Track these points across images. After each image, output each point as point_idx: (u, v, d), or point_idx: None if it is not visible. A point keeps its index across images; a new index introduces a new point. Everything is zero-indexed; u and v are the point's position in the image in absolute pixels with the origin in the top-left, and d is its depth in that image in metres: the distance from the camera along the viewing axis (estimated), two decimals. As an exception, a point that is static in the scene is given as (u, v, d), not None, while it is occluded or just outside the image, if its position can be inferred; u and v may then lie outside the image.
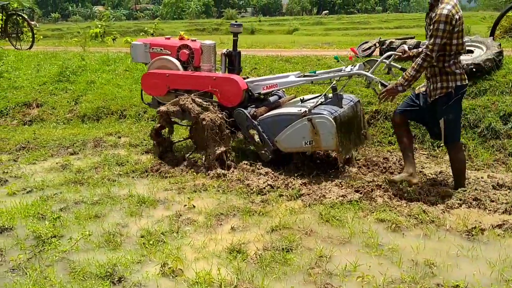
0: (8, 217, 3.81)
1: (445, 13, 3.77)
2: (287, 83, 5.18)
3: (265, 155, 4.91)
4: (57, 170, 5.12)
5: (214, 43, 5.56)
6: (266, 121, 4.87)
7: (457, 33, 3.88)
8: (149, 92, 5.70)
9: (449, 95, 4.00)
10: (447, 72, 3.98)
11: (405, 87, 4.08)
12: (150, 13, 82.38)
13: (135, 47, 5.76)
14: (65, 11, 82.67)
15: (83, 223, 3.72)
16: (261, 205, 4.03)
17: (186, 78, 5.31)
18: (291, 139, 4.68)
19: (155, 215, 3.91)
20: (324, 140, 4.50)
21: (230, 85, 5.07)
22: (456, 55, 3.97)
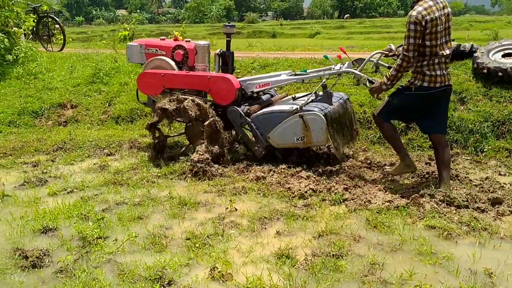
0: (52, 218, 3.82)
1: (414, 15, 3.92)
2: (279, 81, 5.39)
3: (258, 151, 5.10)
4: (95, 171, 5.13)
5: (208, 44, 5.77)
6: (259, 118, 5.06)
7: (430, 35, 3.97)
8: (145, 92, 5.83)
9: (408, 89, 4.20)
10: (417, 71, 4.15)
11: (389, 86, 4.25)
12: (172, 17, 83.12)
13: (131, 48, 5.91)
14: (89, 15, 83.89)
15: (127, 225, 3.70)
16: (304, 210, 3.96)
17: (181, 78, 5.46)
18: (283, 135, 4.88)
19: (197, 217, 3.87)
20: (315, 136, 4.72)
21: (224, 84, 5.23)
22: (432, 57, 4.05)
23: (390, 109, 4.37)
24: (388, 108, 4.38)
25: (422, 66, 4.09)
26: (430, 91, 4.13)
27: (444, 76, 4.12)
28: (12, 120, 7.34)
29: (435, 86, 4.11)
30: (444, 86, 4.14)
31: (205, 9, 74.17)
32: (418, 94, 4.17)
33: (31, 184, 4.72)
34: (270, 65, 7.80)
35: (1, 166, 5.35)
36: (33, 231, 3.61)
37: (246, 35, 41.18)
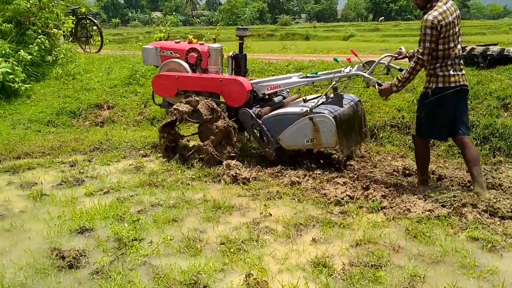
0: (88, 218, 3.85)
1: (430, 19, 3.97)
2: (290, 84, 5.42)
3: (269, 152, 5.16)
4: (131, 172, 5.17)
5: (221, 46, 5.87)
6: (270, 120, 5.12)
7: (444, 39, 4.04)
8: (159, 93, 5.95)
9: (426, 95, 4.24)
10: (431, 74, 4.21)
11: (399, 88, 4.30)
12: (206, 19, 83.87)
13: (146, 51, 6.06)
14: (125, 17, 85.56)
15: (162, 227, 3.70)
16: (340, 217, 3.88)
17: (194, 80, 5.58)
18: (293, 137, 4.95)
19: (232, 221, 3.84)
20: (325, 138, 4.77)
21: (236, 86, 5.31)
22: (445, 59, 4.11)
23: (422, 123, 4.38)
24: (419, 123, 4.43)
25: (435, 68, 4.15)
26: (446, 92, 4.15)
27: (458, 76, 4.15)
28: (51, 120, 7.50)
29: (450, 86, 4.14)
30: (459, 86, 4.16)
31: (239, 11, 74.61)
32: (437, 98, 4.17)
33: (68, 184, 4.79)
34: (305, 68, 7.73)
35: (40, 165, 5.45)
36: (70, 231, 3.65)
37: (279, 38, 41.16)
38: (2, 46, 8.47)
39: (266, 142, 5.18)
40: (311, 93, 6.82)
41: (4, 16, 8.95)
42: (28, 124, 7.30)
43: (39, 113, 7.61)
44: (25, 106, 7.92)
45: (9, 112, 7.66)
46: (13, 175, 5.15)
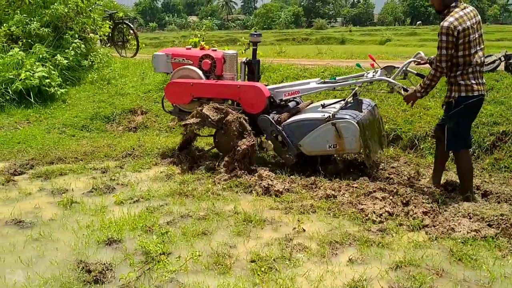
0: (117, 229, 3.76)
1: (445, 26, 3.93)
2: (309, 89, 5.33)
3: (289, 159, 5.11)
4: (161, 180, 5.08)
5: (236, 52, 5.84)
6: (290, 126, 5.07)
7: (463, 45, 3.97)
8: (172, 101, 5.85)
9: (450, 105, 4.18)
10: (451, 82, 4.14)
11: (423, 94, 4.29)
12: (241, 23, 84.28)
13: (157, 58, 5.94)
14: (162, 21, 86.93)
15: (191, 240, 3.57)
16: (379, 235, 3.65)
17: (210, 87, 5.49)
18: (315, 143, 4.90)
19: (263, 236, 3.67)
20: (348, 143, 4.74)
21: (254, 92, 5.25)
22: (466, 66, 4.04)
23: (454, 134, 4.27)
24: (451, 135, 4.29)
25: (456, 76, 4.10)
26: (470, 100, 4.09)
27: (480, 85, 4.11)
28: (85, 124, 7.52)
29: (473, 95, 4.09)
30: (480, 95, 4.12)
31: (274, 15, 74.65)
32: (464, 106, 4.11)
33: (99, 191, 4.74)
34: (342, 74, 7.47)
35: (72, 171, 5.43)
36: (97, 242, 3.56)
37: (314, 41, 40.88)
38: (40, 51, 8.59)
39: (286, 149, 5.11)
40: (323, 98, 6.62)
41: (42, 21, 9.07)
42: (63, 128, 7.34)
43: (73, 118, 7.65)
44: (60, 110, 7.99)
45: (45, 116, 7.73)
46: (45, 181, 5.14)
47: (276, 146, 5.22)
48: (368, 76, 5.03)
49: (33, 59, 8.37)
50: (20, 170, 5.45)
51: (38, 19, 9.10)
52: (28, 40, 9.03)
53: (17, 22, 9.05)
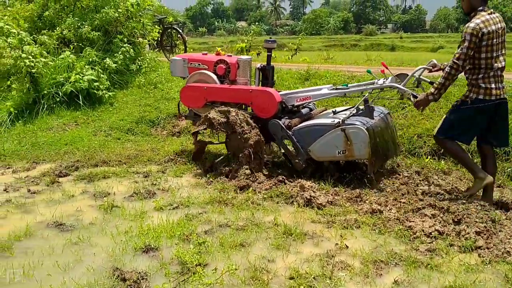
0: (155, 236, 3.71)
1: (471, 26, 4.05)
2: (321, 95, 5.44)
3: (298, 164, 5.12)
4: (202, 187, 5.02)
5: (250, 58, 5.90)
6: (300, 132, 5.11)
7: (486, 47, 4.08)
8: (187, 104, 6.00)
9: (465, 103, 4.27)
10: (472, 84, 4.23)
11: (436, 96, 4.29)
12: (289, 29, 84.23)
13: (174, 62, 6.13)
14: (211, 26, 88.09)
15: (228, 252, 3.46)
16: (428, 255, 3.41)
17: (223, 91, 5.60)
18: (324, 148, 4.93)
19: (303, 251, 3.51)
20: (357, 150, 4.74)
21: (266, 97, 5.32)
22: (487, 69, 4.14)
23: (449, 125, 4.39)
24: (446, 124, 4.42)
25: (477, 79, 4.18)
26: (486, 103, 4.18)
27: (499, 89, 4.18)
28: (130, 128, 7.60)
29: (490, 98, 4.17)
30: (498, 99, 4.19)
31: (323, 21, 74.18)
32: (475, 107, 4.21)
33: (139, 196, 4.72)
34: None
35: (115, 174, 5.46)
36: (134, 249, 3.52)
37: (363, 48, 40.27)
38: (90, 54, 8.78)
39: (296, 154, 5.14)
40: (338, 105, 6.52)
41: (93, 25, 9.27)
42: (109, 131, 7.44)
43: (120, 121, 7.75)
44: (107, 113, 8.11)
45: (92, 119, 7.88)
46: (89, 184, 5.18)
47: (286, 151, 5.27)
48: (378, 83, 5.08)
49: (83, 62, 8.57)
50: (65, 172, 5.54)
51: (89, 23, 9.31)
52: (79, 43, 9.26)
53: (69, 25, 9.29)
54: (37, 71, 8.07)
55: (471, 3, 4.23)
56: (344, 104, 6.90)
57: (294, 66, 10.00)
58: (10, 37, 8.27)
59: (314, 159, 5.09)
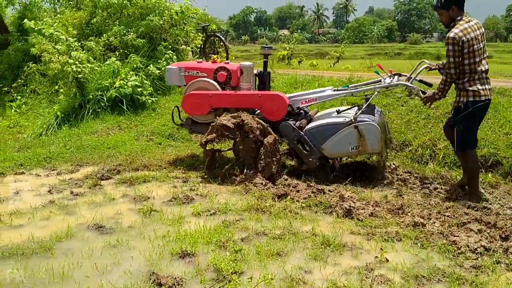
0: (191, 241, 3.71)
1: (451, 36, 4.39)
2: (326, 96, 5.65)
3: (312, 162, 5.33)
4: (239, 193, 4.99)
5: (253, 64, 5.98)
6: (312, 131, 5.33)
7: (468, 54, 4.39)
8: (189, 112, 5.97)
9: (459, 109, 4.57)
10: (460, 89, 4.55)
11: (441, 96, 4.69)
12: (332, 37, 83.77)
13: (170, 71, 6.14)
14: (254, 34, 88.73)
15: (264, 261, 3.41)
16: (473, 272, 3.26)
17: (230, 97, 5.68)
18: (338, 145, 5.17)
19: (342, 263, 3.41)
20: (370, 145, 5.04)
21: (276, 101, 5.51)
22: (472, 73, 4.45)
23: (464, 135, 4.60)
24: (461, 137, 4.62)
25: (464, 83, 4.50)
26: (478, 104, 4.46)
27: (486, 90, 4.49)
28: (172, 133, 7.69)
29: (480, 99, 4.46)
30: (487, 100, 4.51)
31: (366, 29, 73.38)
32: (472, 110, 4.49)
33: (178, 201, 4.74)
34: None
35: (155, 179, 5.53)
36: (171, 254, 3.53)
37: (407, 56, 39.44)
38: (134, 60, 8.98)
39: (309, 153, 5.34)
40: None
41: (138, 32, 9.49)
42: (151, 136, 7.56)
43: (161, 126, 7.86)
44: (149, 118, 8.25)
45: (135, 124, 8.03)
46: (129, 187, 5.26)
47: (299, 151, 5.45)
48: (386, 81, 5.31)
49: (128, 69, 8.77)
50: (107, 175, 5.65)
51: (135, 30, 9.53)
52: (124, 50, 9.50)
53: (115, 33, 9.55)
54: (83, 76, 8.31)
55: (450, 16, 4.55)
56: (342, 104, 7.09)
57: (336, 74, 9.89)
58: (59, 43, 8.57)
59: (328, 157, 5.35)
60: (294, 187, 5.00)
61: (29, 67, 10.91)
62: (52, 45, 8.53)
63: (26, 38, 11.32)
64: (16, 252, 3.59)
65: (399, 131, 6.41)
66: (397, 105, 7.17)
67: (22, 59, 12.25)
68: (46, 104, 9.92)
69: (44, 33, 8.84)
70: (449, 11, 4.54)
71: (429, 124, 6.23)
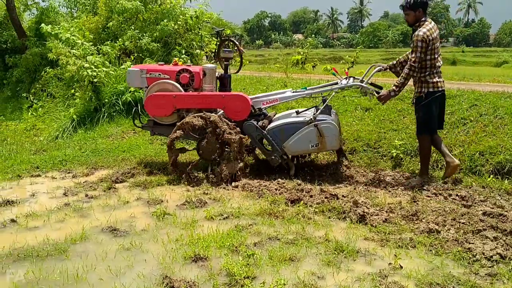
0: (204, 245, 3.71)
1: (421, 34, 4.99)
2: (287, 97, 5.99)
3: (275, 160, 5.64)
4: (252, 197, 5.00)
5: (215, 66, 6.26)
6: (275, 131, 5.61)
7: (431, 50, 5.04)
8: (153, 113, 6.05)
9: (420, 98, 5.23)
10: (422, 81, 5.19)
11: (397, 93, 5.27)
12: (346, 42, 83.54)
13: (131, 73, 6.17)
14: (268, 39, 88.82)
15: (277, 266, 3.40)
16: (488, 280, 3.21)
17: (194, 98, 5.84)
18: (299, 143, 5.50)
19: (355, 269, 3.39)
20: (329, 142, 5.44)
21: (240, 101, 5.74)
22: (432, 68, 5.12)
23: (424, 121, 5.24)
24: (421, 122, 5.27)
25: (425, 76, 5.15)
26: (436, 94, 5.17)
27: (441, 82, 5.21)
28: (185, 137, 7.71)
29: (438, 90, 5.18)
30: (442, 90, 5.23)
31: (381, 34, 73.06)
32: (431, 99, 5.16)
33: (191, 205, 4.76)
34: (452, 97, 6.94)
35: (169, 182, 5.57)
36: (184, 257, 3.53)
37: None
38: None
39: (272, 151, 5.62)
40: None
41: (153, 36, 9.56)
42: (165, 140, 7.57)
43: (175, 130, 7.89)
44: (164, 122, 8.29)
45: (149, 127, 8.07)
46: (143, 190, 5.30)
47: (262, 150, 5.75)
48: (342, 82, 5.71)
49: (143, 73, 8.83)
50: (121, 178, 5.70)
51: (149, 34, 9.61)
52: (139, 54, 9.58)
53: (130, 37, 9.63)
54: (99, 80, 8.39)
55: (416, 16, 5.13)
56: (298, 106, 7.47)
57: (350, 79, 9.84)
58: (76, 47, 8.67)
59: (289, 154, 5.65)
60: (307, 192, 4.99)
61: (46, 72, 11.07)
62: (68, 49, 8.64)
63: (43, 43, 11.50)
64: (31, 253, 3.63)
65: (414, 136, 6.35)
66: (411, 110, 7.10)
67: (39, 63, 12.46)
68: (62, 108, 10.06)
69: (61, 37, 8.96)
70: (415, 12, 5.12)
71: (444, 130, 6.16)
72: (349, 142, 6.57)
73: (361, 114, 7.33)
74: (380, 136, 6.49)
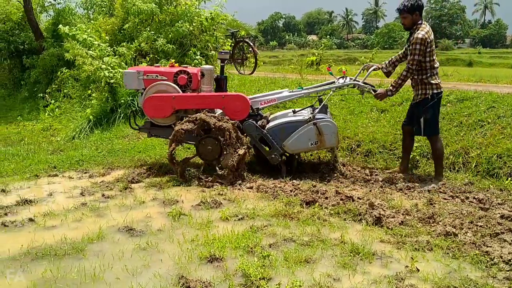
0: (220, 246, 3.72)
1: (420, 37, 5.09)
2: (285, 97, 6.09)
3: (274, 158, 5.71)
4: (267, 199, 5.00)
5: (213, 68, 6.26)
6: (273, 130, 5.72)
7: (429, 52, 5.15)
8: (152, 115, 6.03)
9: (427, 100, 5.29)
10: (425, 83, 5.27)
11: (394, 92, 5.43)
12: (361, 43, 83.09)
13: (128, 75, 6.13)
14: (282, 40, 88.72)
15: (293, 267, 3.39)
16: (505, 284, 3.17)
17: (193, 99, 5.88)
18: (298, 142, 5.62)
19: (371, 272, 3.37)
20: (328, 140, 5.58)
21: (240, 101, 5.82)
22: (431, 69, 5.22)
23: (431, 122, 5.33)
24: (429, 124, 5.33)
25: (427, 78, 5.23)
26: (440, 95, 5.31)
27: (440, 83, 5.32)
28: (200, 137, 7.74)
29: (440, 91, 5.30)
30: (442, 91, 5.36)
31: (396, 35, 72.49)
32: (437, 100, 5.29)
33: (206, 205, 4.77)
34: (469, 99, 6.87)
35: (184, 182, 5.57)
36: (200, 258, 3.55)
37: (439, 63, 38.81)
38: (164, 65, 9.10)
39: (271, 150, 5.69)
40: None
41: (168, 38, 9.62)
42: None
43: (190, 131, 7.92)
44: (179, 123, 8.33)
45: (165, 128, 8.12)
46: (159, 191, 5.33)
47: (262, 149, 5.78)
48: (339, 81, 5.81)
49: (158, 74, 8.89)
50: (137, 179, 5.74)
51: (165, 36, 9.66)
52: (155, 55, 9.64)
53: (146, 38, 9.70)
54: (115, 81, 8.46)
55: (413, 19, 5.24)
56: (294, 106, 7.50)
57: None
58: (92, 48, 8.76)
59: (289, 153, 5.76)
60: (322, 193, 4.98)
61: (63, 73, 11.19)
62: (85, 50, 8.73)
63: (60, 44, 11.64)
64: (49, 252, 3.67)
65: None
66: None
67: (56, 64, 12.61)
68: (79, 108, 10.17)
69: (78, 38, 9.06)
70: (413, 15, 5.23)
71: (462, 132, 6.10)
72: (365, 144, 6.54)
73: (376, 115, 7.30)
74: (396, 137, 6.45)
